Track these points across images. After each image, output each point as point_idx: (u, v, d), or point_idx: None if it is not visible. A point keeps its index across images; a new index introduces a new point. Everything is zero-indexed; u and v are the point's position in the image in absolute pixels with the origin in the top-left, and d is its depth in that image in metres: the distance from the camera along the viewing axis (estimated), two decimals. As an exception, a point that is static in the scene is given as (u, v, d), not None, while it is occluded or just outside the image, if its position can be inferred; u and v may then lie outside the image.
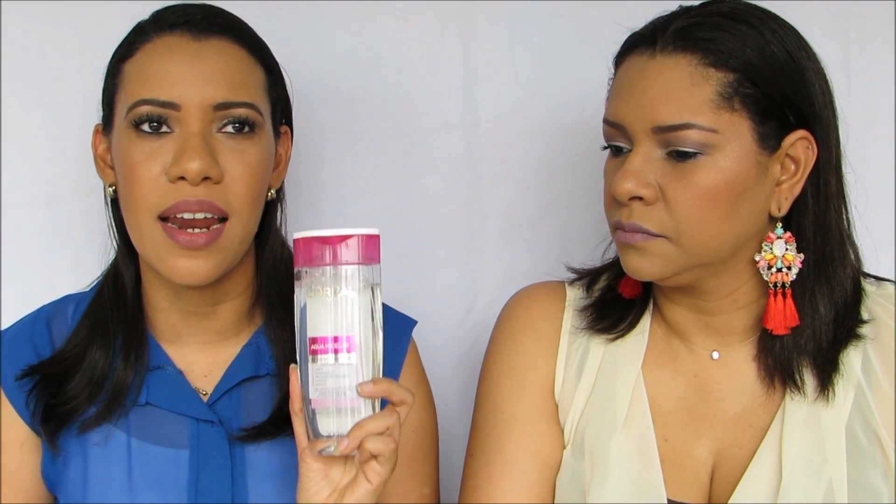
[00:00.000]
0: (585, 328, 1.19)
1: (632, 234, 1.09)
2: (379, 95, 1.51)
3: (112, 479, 1.16)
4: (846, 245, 1.13)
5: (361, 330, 1.02)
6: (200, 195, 1.09)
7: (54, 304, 1.26)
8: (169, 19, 1.14)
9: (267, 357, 1.20)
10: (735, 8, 1.09)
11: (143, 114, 1.11)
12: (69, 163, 1.47)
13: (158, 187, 1.10)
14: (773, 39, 1.07)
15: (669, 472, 1.13)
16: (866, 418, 1.11)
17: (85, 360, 1.18)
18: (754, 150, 1.06)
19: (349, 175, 1.52)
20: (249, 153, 1.12)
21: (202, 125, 1.10)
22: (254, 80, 1.15)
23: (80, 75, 1.47)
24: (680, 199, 1.06)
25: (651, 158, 1.07)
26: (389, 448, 1.02)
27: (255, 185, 1.13)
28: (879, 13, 1.50)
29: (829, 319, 1.11)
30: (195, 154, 1.09)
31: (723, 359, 1.16)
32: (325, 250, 1.01)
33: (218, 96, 1.11)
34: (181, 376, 1.19)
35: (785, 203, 1.09)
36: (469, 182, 1.53)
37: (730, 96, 1.05)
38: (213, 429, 1.17)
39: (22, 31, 1.45)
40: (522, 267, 1.51)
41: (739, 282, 1.12)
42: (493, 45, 1.51)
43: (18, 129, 1.46)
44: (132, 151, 1.11)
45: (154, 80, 1.11)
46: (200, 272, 1.11)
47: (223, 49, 1.13)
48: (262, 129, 1.15)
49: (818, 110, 1.09)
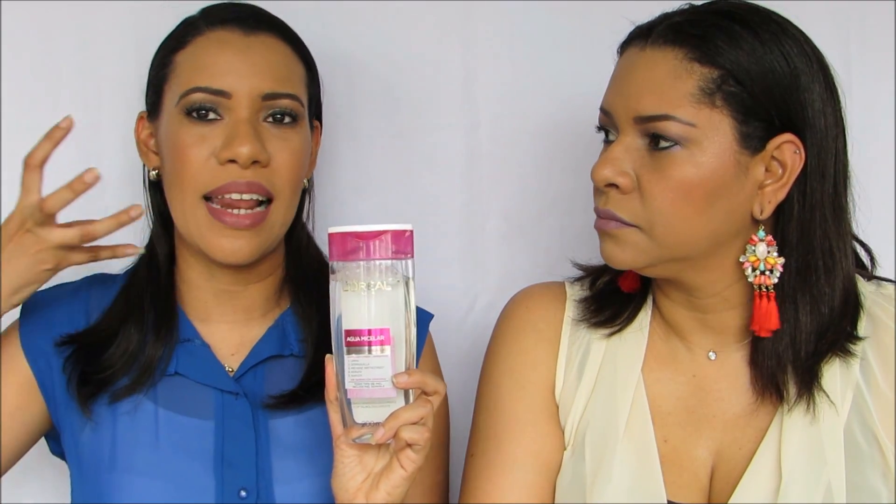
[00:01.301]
0: (583, 320, 1.20)
1: (606, 220, 1.10)
2: (379, 95, 1.51)
3: (139, 444, 1.20)
4: (836, 256, 1.10)
5: (396, 323, 1.04)
6: (249, 177, 1.16)
7: (93, 277, 1.30)
8: (220, 15, 1.22)
9: (292, 339, 1.26)
10: (737, 9, 1.10)
11: (196, 101, 1.18)
12: (69, 163, 1.46)
13: (208, 169, 1.17)
14: (770, 42, 1.07)
15: (669, 473, 1.13)
16: (865, 420, 1.11)
17: (120, 334, 1.22)
18: (734, 148, 1.06)
19: (349, 175, 1.52)
20: (293, 141, 1.20)
21: (251, 113, 1.17)
22: (297, 75, 1.23)
23: (80, 75, 1.47)
24: (654, 190, 1.07)
25: (631, 148, 1.08)
26: (424, 437, 1.05)
27: (298, 171, 1.21)
28: (879, 13, 1.50)
29: (810, 329, 1.10)
30: (246, 139, 1.15)
31: (720, 359, 1.16)
32: (360, 245, 1.04)
33: (265, 87, 1.18)
34: (207, 348, 1.24)
35: (768, 206, 1.09)
36: (469, 182, 1.53)
37: (711, 92, 1.05)
38: (238, 400, 1.21)
39: (22, 31, 1.45)
40: (522, 267, 1.51)
41: (727, 281, 1.12)
42: (493, 45, 1.51)
43: (18, 129, 1.46)
44: (182, 135, 1.18)
45: (207, 69, 1.18)
46: (243, 252, 1.18)
47: (271, 44, 1.21)
48: (303, 120, 1.22)
49: (811, 117, 1.08)
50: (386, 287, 1.04)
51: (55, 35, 1.46)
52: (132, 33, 1.44)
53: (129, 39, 1.45)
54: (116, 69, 1.46)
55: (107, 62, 1.46)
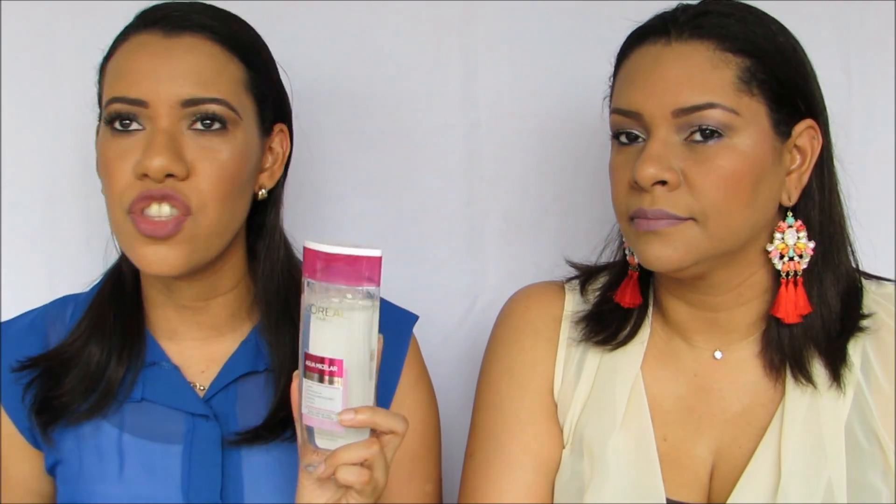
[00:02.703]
0: (584, 340, 1.19)
1: (656, 220, 1.07)
2: (379, 95, 1.51)
3: (105, 474, 1.17)
4: (846, 235, 1.14)
5: (354, 355, 0.99)
6: (163, 189, 1.09)
7: (52, 304, 1.26)
8: (146, 16, 1.14)
9: (265, 353, 1.20)
10: (735, 8, 1.11)
11: (114, 111, 1.11)
12: (69, 163, 1.47)
13: (128, 184, 1.10)
14: (779, 33, 1.10)
15: (668, 472, 1.13)
16: (865, 418, 1.11)
17: (83, 354, 1.18)
18: (771, 135, 1.07)
19: (349, 175, 1.52)
20: (219, 150, 1.11)
21: (170, 122, 1.10)
22: (228, 76, 1.13)
23: (80, 75, 1.46)
24: (704, 181, 1.06)
25: (670, 144, 1.07)
26: (361, 480, 1.00)
27: (224, 184, 1.11)
28: (879, 13, 1.50)
29: (837, 308, 1.12)
30: (157, 151, 1.08)
31: (725, 358, 1.16)
32: (327, 267, 0.97)
33: (185, 92, 1.10)
34: (177, 371, 1.19)
35: (794, 192, 1.10)
36: (469, 182, 1.53)
37: (748, 80, 1.06)
38: (208, 423, 1.17)
39: (22, 31, 1.45)
40: (522, 267, 1.51)
41: (748, 273, 1.12)
42: (493, 45, 1.51)
43: (18, 129, 1.46)
44: (107, 149, 1.12)
45: (125, 78, 1.11)
46: (168, 261, 1.10)
47: (194, 45, 1.12)
48: (237, 126, 1.13)
49: (819, 101, 1.11)
50: (346, 315, 0.97)
51: (55, 35, 1.46)
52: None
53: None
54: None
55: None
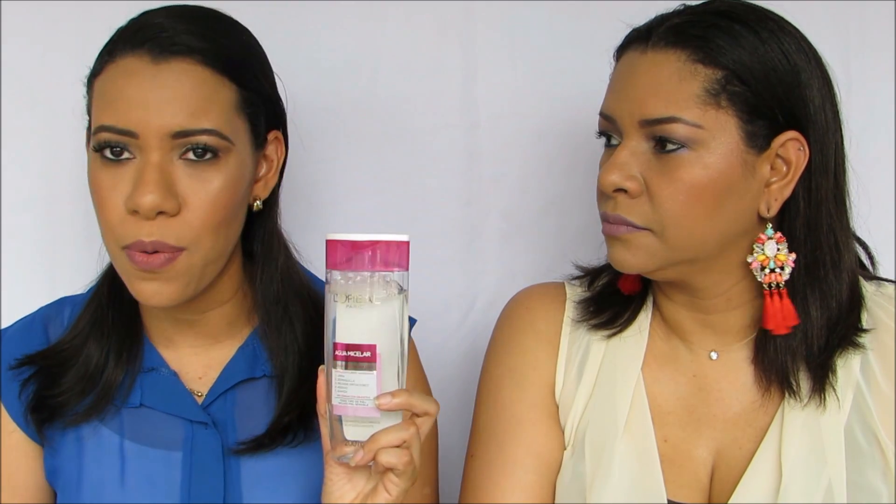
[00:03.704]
0: (583, 321, 1.20)
1: (616, 225, 1.09)
2: (379, 96, 1.51)
3: (104, 480, 1.16)
4: (842, 250, 1.11)
5: (386, 340, 0.99)
6: (155, 234, 1.07)
7: (50, 306, 1.26)
8: (132, 38, 1.10)
9: (263, 359, 1.20)
10: (734, 8, 1.10)
11: (103, 140, 1.09)
12: (68, 164, 1.47)
13: (120, 219, 1.09)
14: (769, 40, 1.07)
15: (669, 473, 1.13)
16: (865, 419, 1.11)
17: (81, 354, 1.18)
18: (740, 148, 1.06)
19: (349, 175, 1.52)
20: (211, 181, 1.09)
21: (160, 154, 1.07)
22: (219, 103, 1.10)
23: (79, 77, 1.46)
24: (664, 193, 1.06)
25: (638, 152, 1.08)
26: (403, 461, 1.00)
27: (218, 213, 1.10)
28: (879, 13, 1.50)
29: (821, 324, 1.11)
30: (148, 189, 1.06)
31: (721, 359, 1.16)
32: (351, 255, 0.98)
33: (176, 124, 1.07)
34: (175, 378, 1.19)
35: (774, 204, 1.09)
36: (469, 182, 1.53)
37: (717, 93, 1.05)
38: (207, 430, 1.17)
39: (22, 31, 1.45)
40: (522, 267, 1.51)
41: (731, 281, 1.12)
42: (493, 45, 1.51)
43: (18, 130, 1.46)
44: (98, 178, 1.10)
45: (113, 105, 1.08)
46: (164, 294, 1.10)
47: (183, 72, 1.08)
48: (229, 153, 1.10)
49: (812, 113, 1.08)
50: (376, 301, 0.98)
51: (55, 35, 1.46)
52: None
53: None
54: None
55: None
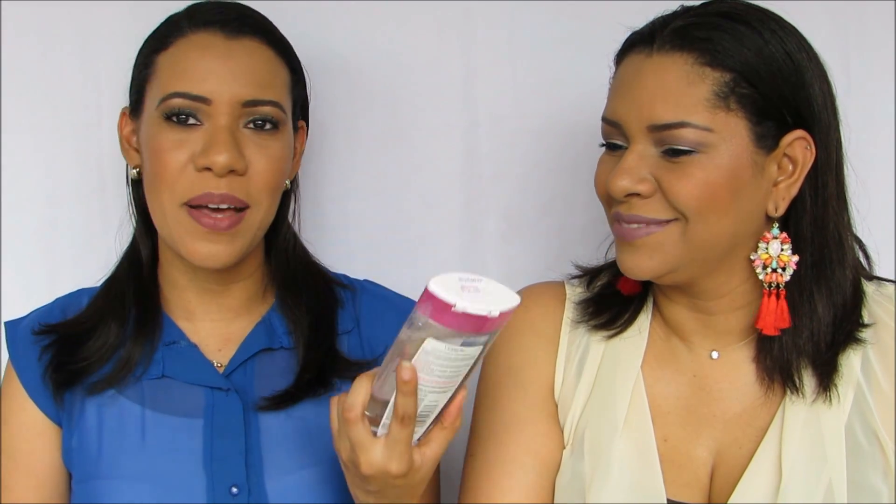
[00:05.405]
0: (583, 322, 1.20)
1: (635, 228, 1.08)
2: (379, 95, 1.51)
3: (125, 449, 1.20)
4: (845, 247, 1.12)
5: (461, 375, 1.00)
6: (224, 188, 1.16)
7: (69, 296, 1.30)
8: (203, 17, 1.20)
9: (279, 333, 1.26)
10: (735, 8, 1.09)
11: (175, 106, 1.16)
12: (69, 163, 1.47)
13: (185, 175, 1.16)
14: (773, 40, 1.07)
15: (669, 472, 1.13)
16: (866, 418, 1.11)
17: (99, 328, 1.23)
18: (750, 149, 1.06)
19: (349, 174, 1.52)
20: (272, 148, 1.19)
21: (230, 120, 1.16)
22: (280, 80, 1.21)
23: (80, 75, 1.47)
24: (678, 188, 1.06)
25: (646, 156, 1.07)
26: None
27: (276, 178, 1.20)
28: (879, 13, 1.50)
29: (827, 321, 1.11)
30: (223, 148, 1.15)
31: (722, 359, 1.16)
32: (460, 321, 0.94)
33: (246, 94, 1.17)
34: (196, 349, 1.24)
35: (782, 203, 1.09)
36: (469, 182, 1.53)
37: (725, 96, 1.05)
38: (228, 396, 1.22)
39: (22, 31, 1.45)
40: (522, 266, 1.51)
41: (736, 281, 1.12)
42: (493, 45, 1.51)
43: (18, 129, 1.46)
44: (161, 139, 1.17)
45: (187, 74, 1.17)
46: (220, 256, 1.17)
47: (253, 49, 1.19)
48: (285, 126, 1.21)
49: (817, 112, 1.08)
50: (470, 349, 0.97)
51: (55, 35, 1.46)
52: (132, 33, 1.44)
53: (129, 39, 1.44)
54: (116, 69, 1.45)
55: (107, 62, 1.46)
